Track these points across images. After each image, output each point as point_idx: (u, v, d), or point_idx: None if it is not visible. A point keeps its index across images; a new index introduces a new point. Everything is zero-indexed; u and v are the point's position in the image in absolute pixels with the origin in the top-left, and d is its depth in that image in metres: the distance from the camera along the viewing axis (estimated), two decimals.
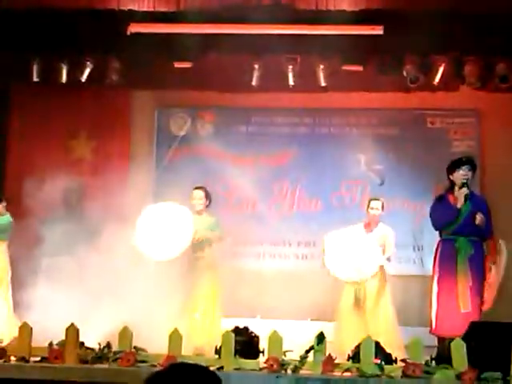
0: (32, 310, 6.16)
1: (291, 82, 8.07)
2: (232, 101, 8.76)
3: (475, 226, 6.22)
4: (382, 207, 7.19)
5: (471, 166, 6.42)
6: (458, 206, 6.30)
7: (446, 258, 6.31)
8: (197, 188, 7.29)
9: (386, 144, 8.68)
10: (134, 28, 7.28)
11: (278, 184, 8.84)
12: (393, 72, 7.94)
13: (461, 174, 6.35)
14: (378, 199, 7.27)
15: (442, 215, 6.40)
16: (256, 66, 8.03)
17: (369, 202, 7.28)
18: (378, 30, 7.15)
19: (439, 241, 6.49)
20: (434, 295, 6.30)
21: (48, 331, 5.33)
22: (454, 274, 6.21)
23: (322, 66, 7.97)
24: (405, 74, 7.90)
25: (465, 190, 6.30)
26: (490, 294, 6.20)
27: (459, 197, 6.31)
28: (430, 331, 6.26)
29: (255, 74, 8.08)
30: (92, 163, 8.78)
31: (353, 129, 8.87)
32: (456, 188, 6.38)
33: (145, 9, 7.11)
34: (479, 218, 6.20)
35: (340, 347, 6.02)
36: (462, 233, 6.29)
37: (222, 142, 8.82)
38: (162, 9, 7.11)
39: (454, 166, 6.43)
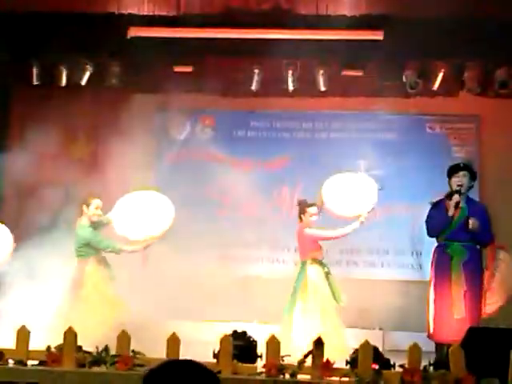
0: None
1: (291, 86, 8.08)
2: (231, 105, 8.77)
3: (470, 231, 6.18)
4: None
5: (468, 173, 6.33)
6: (450, 213, 6.24)
7: (441, 264, 6.28)
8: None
9: (385, 149, 8.67)
10: (133, 32, 7.29)
11: (277, 189, 8.84)
12: (392, 77, 7.95)
13: (455, 181, 6.30)
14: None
15: (436, 223, 6.35)
16: (256, 71, 8.04)
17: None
18: (378, 36, 7.16)
19: (435, 247, 6.46)
20: (431, 301, 6.28)
21: None
22: (448, 279, 6.19)
23: (321, 71, 7.98)
24: (404, 79, 7.91)
25: (456, 197, 6.22)
26: (493, 300, 6.16)
27: (451, 204, 6.27)
28: (428, 336, 6.25)
29: (255, 79, 8.09)
30: (91, 166, 8.76)
31: (352, 134, 8.86)
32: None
33: (145, 13, 7.12)
34: (472, 222, 6.16)
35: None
36: (456, 239, 6.25)
37: (221, 145, 8.82)
38: (162, 13, 7.12)
39: (450, 172, 6.37)
